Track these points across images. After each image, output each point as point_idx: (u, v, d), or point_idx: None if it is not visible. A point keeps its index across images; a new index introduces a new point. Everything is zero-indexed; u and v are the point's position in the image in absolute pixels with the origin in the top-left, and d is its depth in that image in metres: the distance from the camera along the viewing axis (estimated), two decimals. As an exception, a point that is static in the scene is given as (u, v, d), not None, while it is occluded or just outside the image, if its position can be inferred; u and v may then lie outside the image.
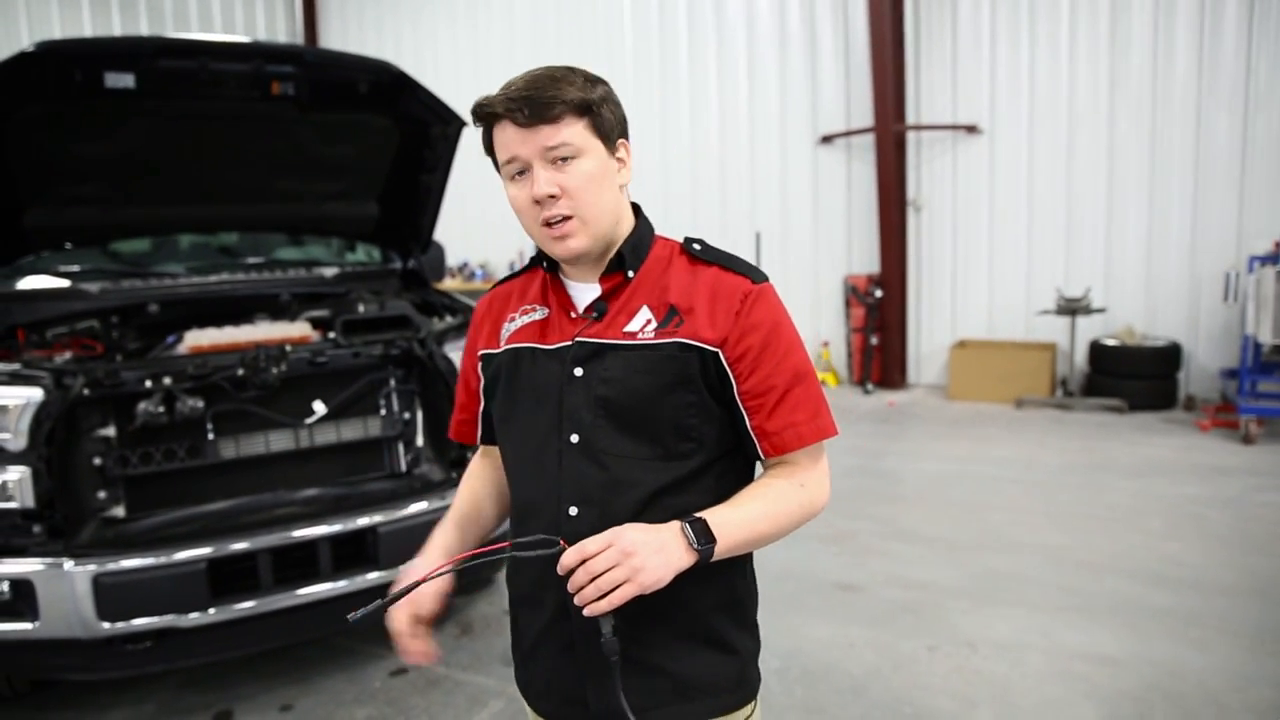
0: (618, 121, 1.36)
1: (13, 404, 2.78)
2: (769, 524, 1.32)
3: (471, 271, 11.37)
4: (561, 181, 1.29)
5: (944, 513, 5.10)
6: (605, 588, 1.17)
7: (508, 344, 1.44)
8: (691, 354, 1.33)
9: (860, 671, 3.34)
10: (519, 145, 1.30)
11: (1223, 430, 6.72)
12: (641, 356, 1.33)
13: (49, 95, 3.15)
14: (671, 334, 1.33)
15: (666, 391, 1.33)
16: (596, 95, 1.31)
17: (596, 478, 1.32)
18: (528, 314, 1.45)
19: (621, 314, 1.37)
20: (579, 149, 1.30)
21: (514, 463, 1.45)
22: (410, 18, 11.87)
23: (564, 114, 1.28)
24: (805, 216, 9.30)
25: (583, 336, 1.36)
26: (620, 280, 1.38)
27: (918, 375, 9.01)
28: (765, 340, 1.34)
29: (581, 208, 1.31)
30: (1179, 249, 7.68)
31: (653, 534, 1.21)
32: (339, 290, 4.05)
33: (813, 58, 9.02)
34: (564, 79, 1.30)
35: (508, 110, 1.28)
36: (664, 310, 1.36)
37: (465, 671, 3.40)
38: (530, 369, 1.40)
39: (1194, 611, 3.73)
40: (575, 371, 1.35)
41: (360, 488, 3.41)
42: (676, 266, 1.40)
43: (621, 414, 1.33)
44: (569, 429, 1.34)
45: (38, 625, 2.73)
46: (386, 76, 3.61)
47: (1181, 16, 7.41)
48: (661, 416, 1.33)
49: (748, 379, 1.34)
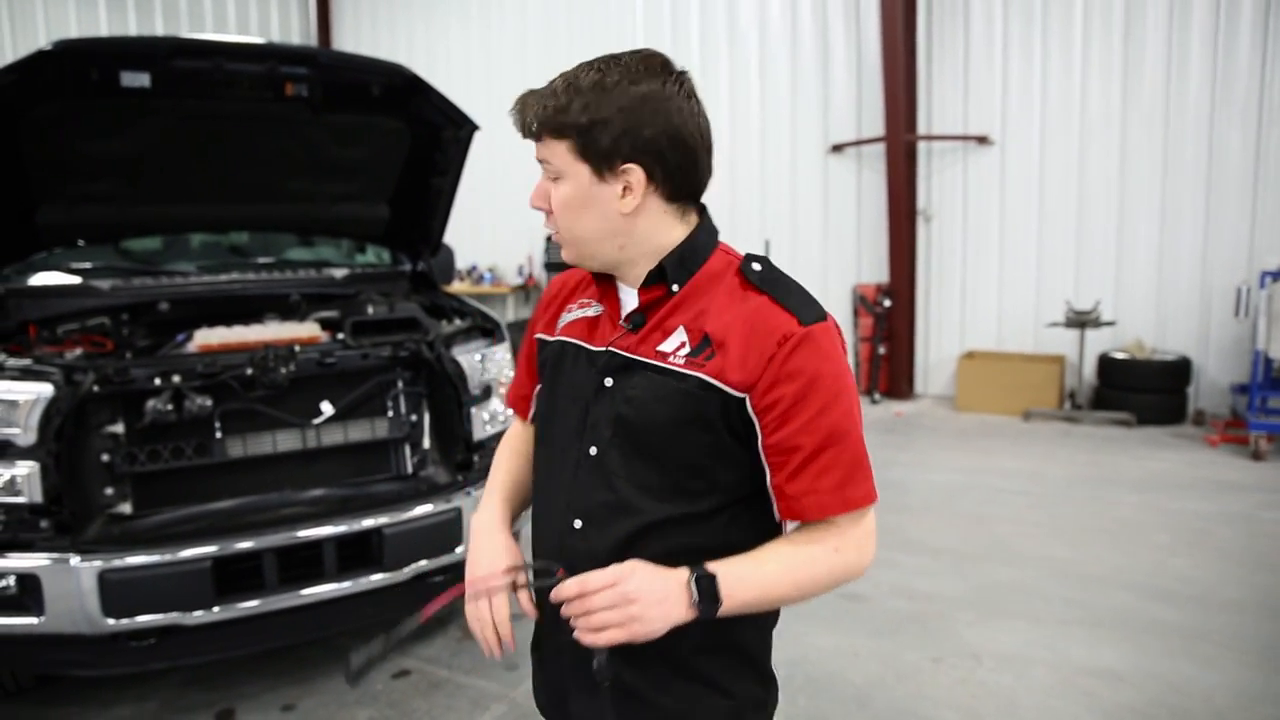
0: (630, 142, 1.19)
1: (23, 399, 2.79)
2: (789, 588, 1.22)
3: (480, 275, 11.38)
4: (551, 197, 1.26)
5: (950, 524, 5.09)
6: (597, 626, 1.13)
7: (559, 335, 1.40)
8: (713, 395, 1.21)
9: (864, 682, 3.33)
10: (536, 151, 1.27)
11: (1232, 446, 6.68)
12: (665, 384, 1.23)
13: (65, 94, 3.17)
14: (699, 367, 1.22)
15: (681, 426, 1.22)
16: (588, 118, 1.18)
17: (602, 497, 1.27)
18: (584, 308, 1.38)
19: (658, 330, 1.27)
20: (559, 171, 1.23)
21: (540, 458, 1.41)
22: (423, 16, 11.92)
23: (541, 133, 1.23)
24: (815, 225, 9.30)
25: (615, 347, 1.29)
26: (662, 293, 1.27)
27: (925, 386, 8.99)
28: (800, 393, 1.19)
29: (560, 228, 1.27)
30: (1190, 263, 7.65)
31: (659, 583, 1.15)
32: (348, 291, 4.06)
33: (824, 66, 9.03)
34: (558, 92, 1.21)
35: (514, 116, 1.26)
36: (698, 336, 1.24)
37: (468, 675, 3.39)
38: (572, 367, 1.35)
39: (1200, 627, 3.71)
40: (605, 382, 1.29)
41: (366, 489, 3.41)
42: (725, 287, 1.26)
43: (636, 438, 1.25)
44: (589, 440, 1.29)
45: (43, 620, 2.74)
46: (400, 79, 3.63)
47: (1196, 29, 7.39)
48: (674, 451, 1.24)
49: (773, 433, 1.21)
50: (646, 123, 1.20)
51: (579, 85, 1.20)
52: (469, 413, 3.52)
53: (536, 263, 11.12)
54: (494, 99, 12.22)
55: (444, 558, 3.32)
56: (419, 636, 3.71)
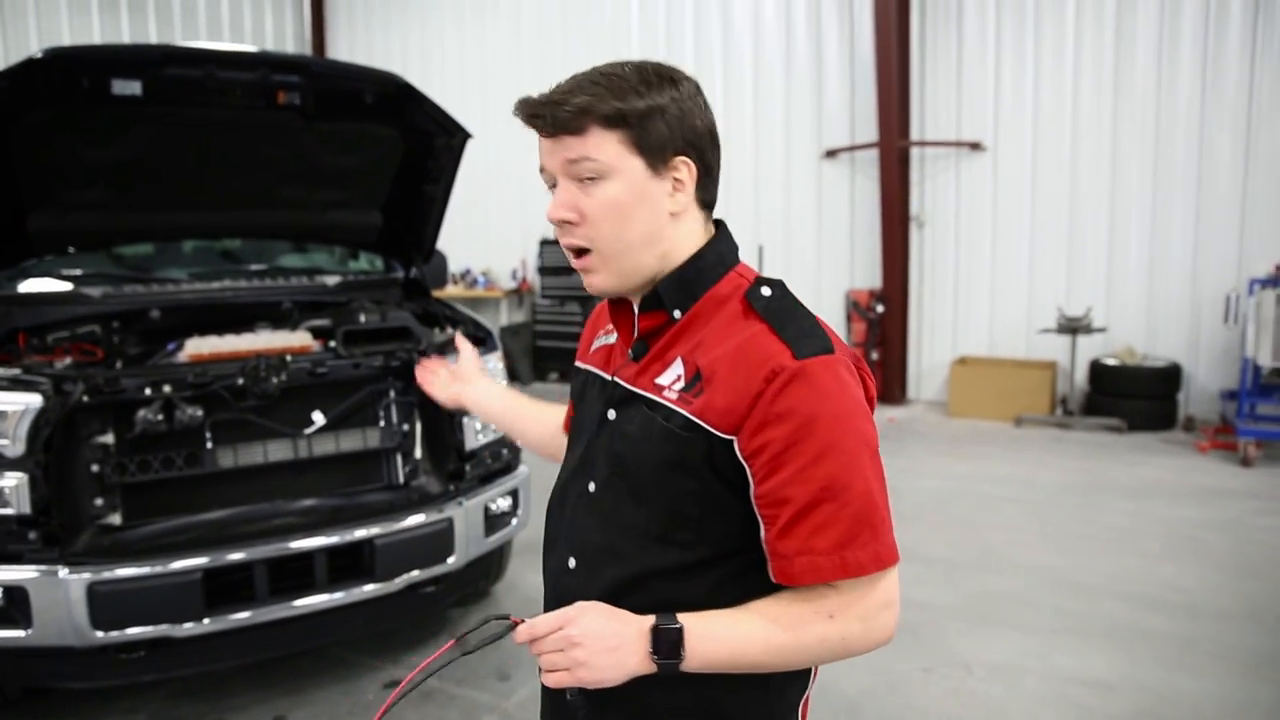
0: (681, 133, 1.11)
1: (11, 410, 2.78)
2: (766, 652, 1.07)
3: (474, 279, 11.37)
4: (581, 205, 1.11)
5: (942, 531, 5.10)
6: (547, 668, 1.05)
7: (584, 363, 1.33)
8: (697, 436, 1.09)
9: (855, 691, 3.33)
10: (545, 156, 1.13)
11: (1221, 452, 6.72)
12: (654, 421, 1.13)
13: (56, 101, 3.16)
14: (687, 404, 1.10)
15: (666, 469, 1.11)
16: (645, 104, 1.08)
17: (593, 538, 1.18)
18: (607, 334, 1.30)
19: (657, 361, 1.17)
20: (606, 168, 1.09)
21: (555, 486, 1.32)
22: (417, 21, 11.91)
23: (589, 125, 1.08)
24: (808, 230, 9.32)
25: (619, 378, 1.20)
26: (663, 320, 1.17)
27: (918, 391, 9.01)
28: (791, 437, 1.04)
29: (600, 239, 1.11)
30: (1180, 270, 7.69)
31: (612, 626, 1.05)
32: (341, 299, 4.05)
33: (818, 72, 9.05)
34: (605, 82, 1.09)
35: (530, 118, 1.11)
36: (692, 370, 1.12)
37: (459, 686, 3.39)
38: (590, 396, 1.28)
39: (1189, 636, 3.73)
40: (609, 414, 1.20)
41: (358, 499, 3.41)
42: (727, 313, 1.14)
43: (629, 478, 1.15)
44: (589, 475, 1.21)
45: (31, 633, 2.73)
46: (392, 88, 3.62)
47: (1185, 38, 7.44)
48: (662, 495, 1.13)
49: (762, 481, 1.07)
50: (696, 114, 1.14)
51: (623, 75, 1.10)
52: (461, 422, 3.52)
53: (530, 267, 11.11)
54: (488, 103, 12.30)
55: (436, 568, 3.32)
56: (413, 645, 3.71)
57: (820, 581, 1.06)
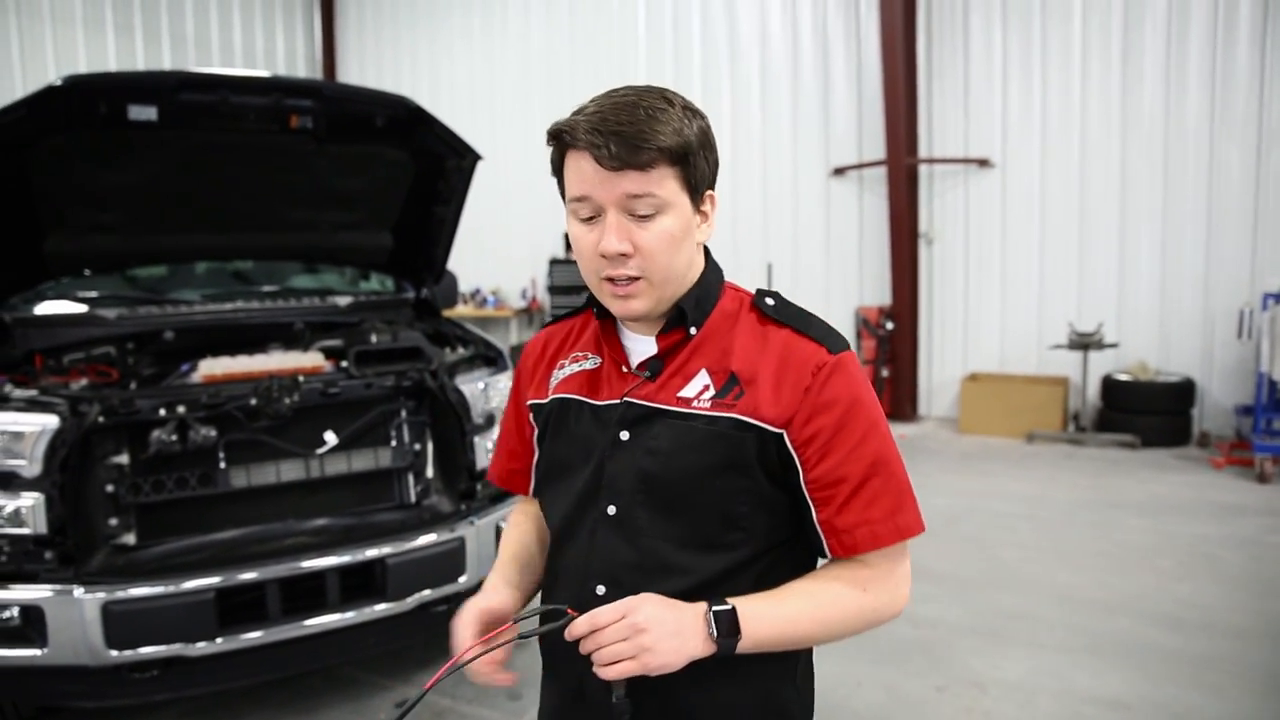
0: (710, 169, 1.18)
1: (29, 430, 2.81)
2: (813, 626, 1.16)
3: (484, 298, 11.42)
4: (637, 239, 1.12)
5: (954, 549, 5.08)
6: (609, 660, 1.07)
7: (555, 393, 1.30)
8: (749, 434, 1.16)
9: (868, 711, 3.31)
10: (596, 187, 1.11)
11: (1237, 468, 6.66)
12: (692, 429, 1.17)
13: (74, 126, 3.21)
14: (729, 407, 1.16)
15: (714, 474, 1.16)
16: (694, 139, 1.13)
17: (627, 558, 1.19)
18: (579, 361, 1.30)
19: (677, 375, 1.21)
20: (664, 204, 1.12)
21: (551, 525, 1.31)
22: (426, 40, 12.03)
23: (656, 161, 1.10)
24: (817, 248, 9.33)
25: (632, 397, 1.21)
26: (681, 337, 1.21)
27: (928, 408, 8.99)
28: (840, 421, 1.16)
29: (653, 270, 1.14)
30: (1192, 284, 7.66)
31: (672, 613, 1.10)
32: (352, 319, 4.08)
33: (825, 90, 9.09)
34: (662, 114, 1.10)
35: (592, 144, 1.09)
36: (724, 377, 1.18)
37: (470, 705, 3.39)
38: (576, 425, 1.26)
39: (1206, 655, 3.69)
40: (621, 435, 1.20)
41: (370, 518, 3.42)
42: (744, 325, 1.22)
43: (664, 491, 1.18)
44: (606, 499, 1.21)
45: (46, 651, 2.74)
46: (403, 111, 3.67)
47: (1194, 51, 7.44)
48: (707, 501, 1.17)
49: (816, 466, 1.16)
50: (714, 150, 1.20)
51: (672, 110, 1.12)
52: (472, 442, 3.53)
53: (540, 286, 11.16)
54: (497, 122, 12.42)
55: (447, 587, 3.32)
56: (425, 664, 3.71)
57: (879, 548, 1.16)
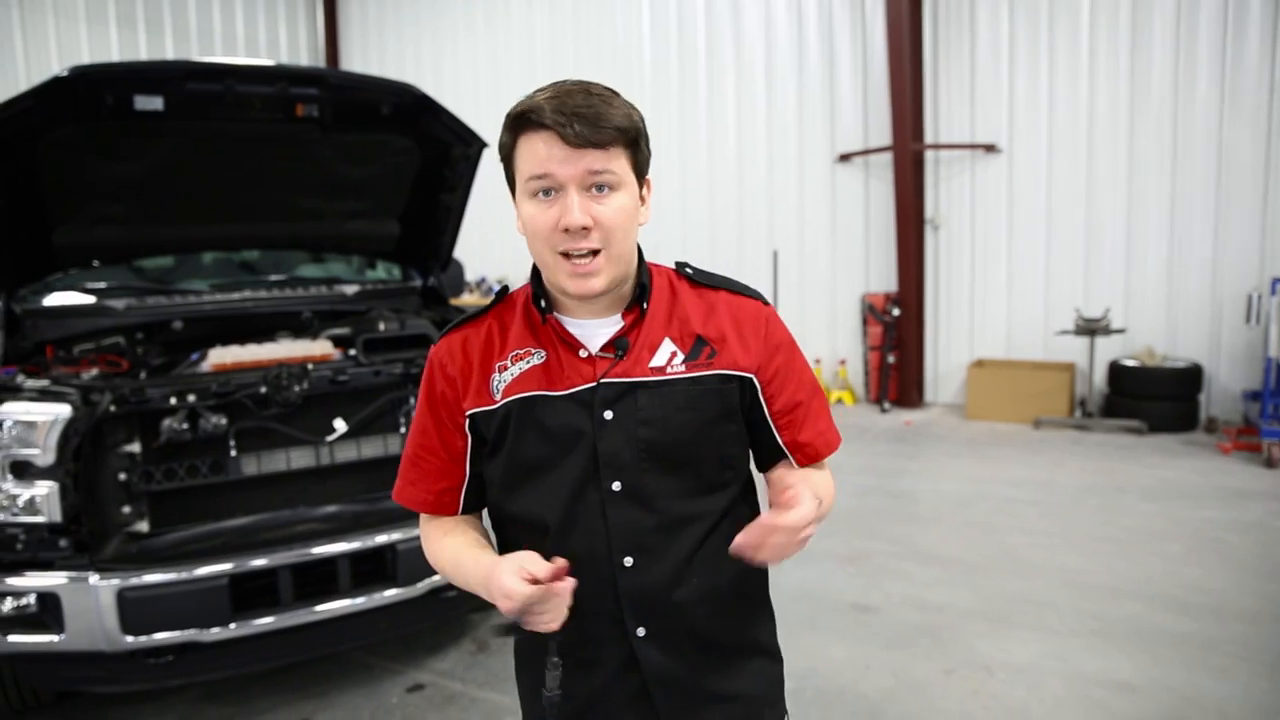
0: (649, 157, 1.29)
1: (41, 420, 2.83)
2: (829, 504, 1.37)
3: (490, 286, 11.43)
4: (596, 213, 1.19)
5: (961, 534, 5.09)
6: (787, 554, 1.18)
7: (509, 396, 1.29)
8: (732, 384, 1.31)
9: (876, 694, 3.33)
10: (557, 164, 1.17)
11: (1244, 453, 6.65)
12: (681, 392, 1.28)
13: (80, 118, 3.22)
14: (707, 366, 1.30)
15: (711, 426, 1.30)
16: (640, 125, 1.25)
17: (648, 523, 1.27)
18: (522, 360, 1.30)
19: (644, 350, 1.29)
20: (619, 181, 1.21)
21: (543, 522, 1.29)
22: (430, 30, 12.01)
23: (615, 140, 1.19)
24: (823, 235, 9.32)
25: (608, 377, 1.27)
26: (637, 314, 1.31)
27: (935, 394, 8.99)
28: (787, 357, 1.37)
29: (612, 244, 1.21)
30: (1200, 269, 7.64)
31: None
32: (360, 308, 4.10)
33: (831, 77, 9.06)
34: (613, 99, 1.21)
35: (557, 123, 1.16)
36: (690, 341, 1.31)
37: (481, 689, 3.41)
38: (547, 419, 1.27)
39: (1213, 638, 3.70)
40: (605, 415, 1.26)
41: (380, 505, 3.44)
42: (683, 294, 1.35)
43: (667, 454, 1.27)
44: (609, 476, 1.26)
45: (63, 638, 2.78)
46: (409, 98, 3.67)
47: (1203, 34, 7.39)
48: (707, 452, 1.31)
49: (778, 398, 1.35)
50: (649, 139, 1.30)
51: (618, 96, 1.23)
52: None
53: (545, 274, 11.15)
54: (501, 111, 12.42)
55: (445, 576, 3.34)
56: (435, 649, 3.73)
57: (831, 452, 1.40)
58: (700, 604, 1.31)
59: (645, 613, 1.29)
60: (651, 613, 1.29)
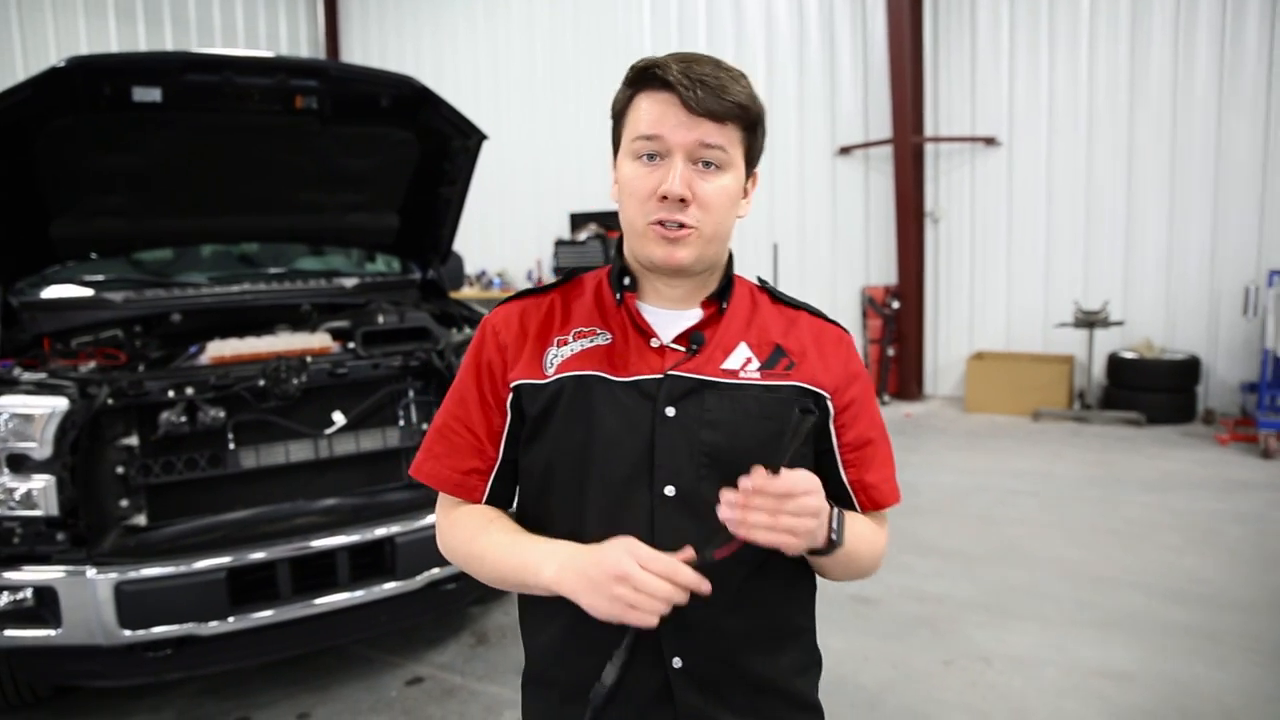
0: (761, 150, 1.22)
1: (39, 413, 2.82)
2: (867, 550, 1.23)
3: (490, 280, 11.42)
4: (698, 188, 1.13)
5: (961, 525, 5.09)
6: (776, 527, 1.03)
7: (563, 371, 1.20)
8: (808, 399, 1.21)
9: (875, 685, 3.34)
10: (672, 128, 1.11)
11: (1242, 445, 6.66)
12: (753, 398, 1.18)
13: (78, 109, 3.21)
14: (784, 376, 1.20)
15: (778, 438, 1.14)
16: (762, 113, 1.17)
17: (697, 538, 1.11)
18: (585, 338, 1.22)
19: (718, 350, 1.20)
20: (728, 161, 1.14)
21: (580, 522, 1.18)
22: (430, 23, 11.97)
23: (735, 117, 1.13)
24: (823, 227, 9.31)
25: (678, 370, 1.17)
26: (715, 311, 1.23)
27: (935, 387, 8.99)
28: (862, 391, 1.28)
29: (707, 224, 1.15)
30: (1198, 262, 7.64)
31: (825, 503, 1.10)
32: (359, 300, 4.09)
33: (831, 70, 9.04)
34: (741, 80, 1.14)
35: (681, 84, 1.09)
36: (768, 350, 1.22)
37: (480, 681, 3.42)
38: (604, 404, 1.17)
39: (1211, 628, 3.71)
40: (667, 411, 1.16)
41: (378, 498, 3.44)
42: (764, 306, 1.28)
43: (732, 463, 1.12)
44: (664, 479, 1.15)
45: (60, 632, 2.77)
46: (408, 91, 3.65)
47: (1202, 29, 7.38)
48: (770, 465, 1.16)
49: (849, 431, 1.25)
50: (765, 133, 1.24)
51: (744, 78, 1.15)
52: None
53: (546, 267, 11.14)
54: (501, 105, 12.37)
55: (456, 566, 3.34)
56: (435, 642, 3.74)
57: (895, 502, 1.30)
58: (746, 640, 1.20)
59: (684, 642, 1.17)
60: (691, 643, 1.17)
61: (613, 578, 1.03)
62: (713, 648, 1.18)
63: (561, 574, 1.09)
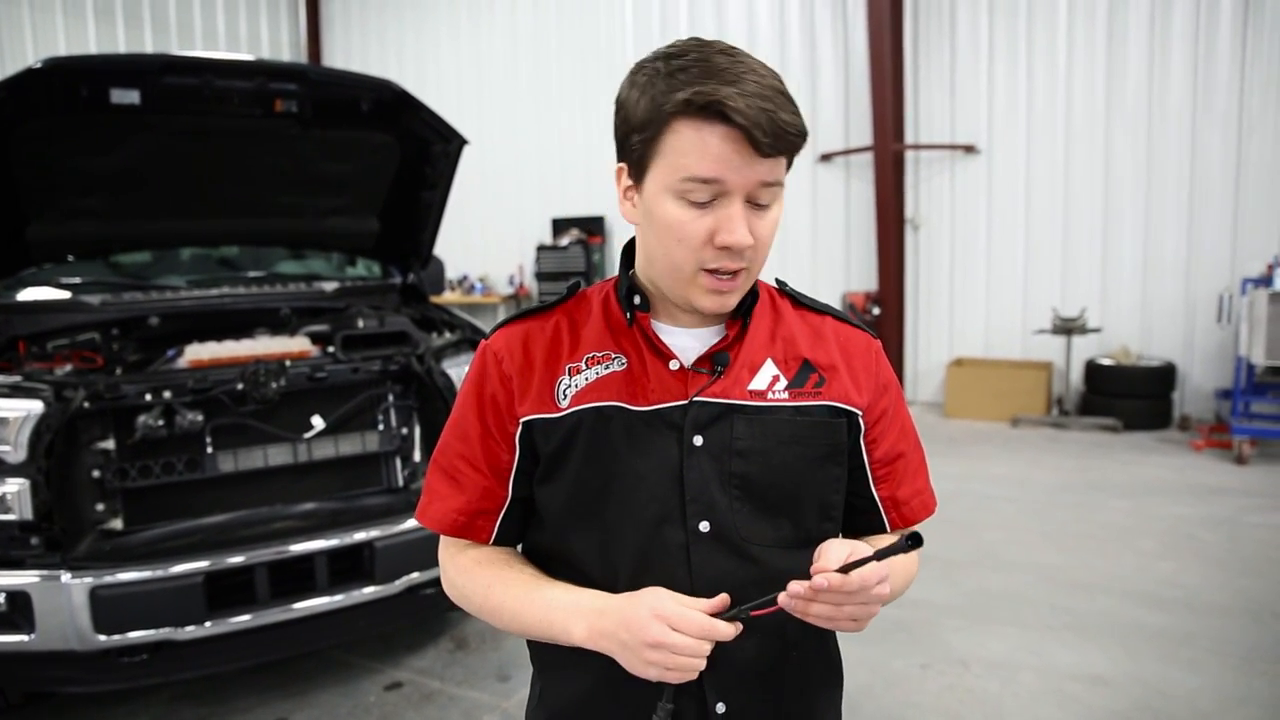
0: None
1: (13, 416, 2.80)
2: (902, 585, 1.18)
3: (471, 285, 11.39)
4: (756, 229, 1.03)
5: (939, 531, 5.12)
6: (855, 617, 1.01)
7: (579, 404, 1.10)
8: (842, 420, 1.13)
9: (852, 689, 3.33)
10: (736, 170, 0.98)
11: (1216, 450, 6.74)
12: (784, 422, 1.10)
13: (55, 110, 3.19)
14: (814, 395, 1.12)
15: (817, 466, 1.11)
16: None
17: (742, 574, 1.07)
18: (600, 363, 1.12)
19: (744, 369, 1.11)
20: (779, 192, 1.04)
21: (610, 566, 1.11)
22: (413, 28, 11.95)
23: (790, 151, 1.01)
24: (804, 234, 9.35)
25: (704, 396, 1.08)
26: (738, 328, 1.13)
27: (914, 393, 9.04)
28: (893, 401, 1.20)
29: (757, 261, 1.07)
30: (1174, 270, 7.73)
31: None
32: (339, 304, 4.08)
33: (812, 77, 9.09)
34: (789, 94, 1.00)
35: (752, 124, 0.94)
36: (795, 366, 1.13)
37: (459, 686, 3.41)
38: (626, 437, 1.09)
39: (1186, 632, 3.75)
40: (695, 441, 1.08)
41: (357, 502, 3.43)
42: (787, 314, 1.18)
43: (765, 493, 1.09)
44: (697, 514, 1.07)
45: (34, 637, 2.74)
46: (389, 95, 3.65)
47: (1176, 41, 7.48)
48: (809, 495, 1.12)
49: (880, 445, 1.18)
50: None
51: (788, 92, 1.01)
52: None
53: (528, 272, 11.14)
54: (484, 109, 12.32)
55: (435, 570, 3.31)
56: (414, 647, 3.72)
57: (928, 516, 1.23)
58: (788, 682, 1.13)
59: (729, 686, 1.10)
60: (737, 687, 1.10)
61: (645, 645, 0.98)
62: (756, 691, 1.12)
63: (593, 637, 1.04)
